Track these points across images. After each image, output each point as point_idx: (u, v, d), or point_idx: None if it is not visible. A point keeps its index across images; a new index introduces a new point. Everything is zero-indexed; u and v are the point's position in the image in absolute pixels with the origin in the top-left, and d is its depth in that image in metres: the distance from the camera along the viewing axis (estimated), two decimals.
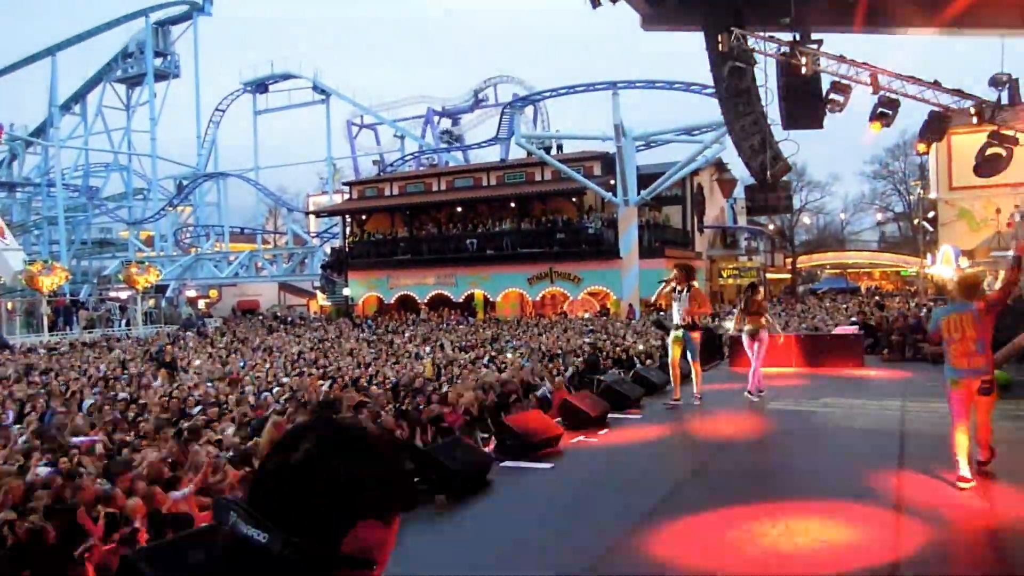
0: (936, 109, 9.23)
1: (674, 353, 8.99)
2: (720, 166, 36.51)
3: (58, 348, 22.61)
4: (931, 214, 32.07)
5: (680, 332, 8.88)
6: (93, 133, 49.69)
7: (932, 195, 30.19)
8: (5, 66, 48.11)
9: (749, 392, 9.23)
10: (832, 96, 9.34)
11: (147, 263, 35.10)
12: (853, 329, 14.49)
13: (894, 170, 51.77)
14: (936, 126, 9.34)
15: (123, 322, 34.68)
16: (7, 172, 51.05)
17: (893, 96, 9.28)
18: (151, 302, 36.43)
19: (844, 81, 9.29)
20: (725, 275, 37.33)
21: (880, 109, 9.32)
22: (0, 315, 28.43)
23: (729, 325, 18.91)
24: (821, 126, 10.25)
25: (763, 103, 10.65)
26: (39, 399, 10.99)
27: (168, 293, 39.82)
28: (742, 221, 40.63)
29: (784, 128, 10.74)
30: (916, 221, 40.20)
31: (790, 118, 10.30)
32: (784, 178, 24.17)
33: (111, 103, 49.75)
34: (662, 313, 26.25)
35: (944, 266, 27.42)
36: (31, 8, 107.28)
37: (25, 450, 7.37)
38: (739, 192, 39.14)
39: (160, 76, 47.16)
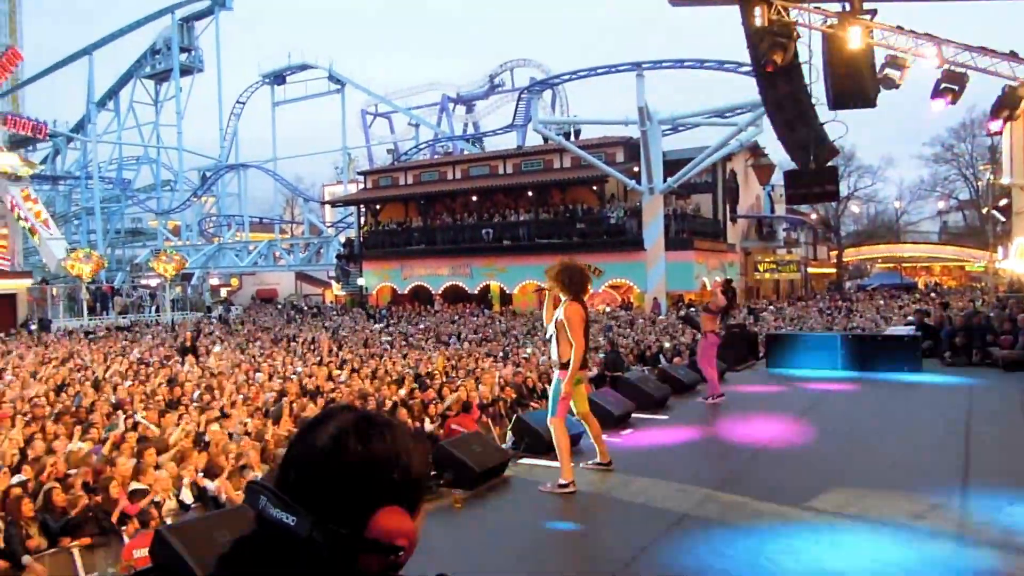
0: (1012, 83, 8.37)
1: (578, 405, 5.59)
2: (756, 150, 34.21)
3: (96, 332, 24.06)
4: (1003, 202, 28.75)
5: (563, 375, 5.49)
6: (126, 128, 51.06)
7: (1005, 180, 26.88)
8: (48, 66, 49.52)
9: (714, 398, 8.74)
10: (887, 72, 8.54)
11: (174, 252, 35.85)
12: (909, 330, 13.42)
13: (959, 153, 47.60)
14: (1011, 102, 8.42)
15: (153, 308, 35.97)
16: (51, 167, 52.62)
17: (960, 70, 8.36)
18: (178, 289, 37.56)
19: (901, 54, 8.38)
20: (762, 269, 34.82)
21: (944, 84, 8.48)
22: (46, 299, 29.88)
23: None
24: (873, 105, 9.42)
25: (807, 81, 9.83)
26: (76, 382, 11.74)
27: (193, 281, 40.77)
28: (781, 210, 37.90)
29: (831, 108, 10.00)
30: (985, 210, 36.61)
31: (838, 97, 9.46)
32: (830, 163, 21.83)
33: (141, 99, 51.15)
34: (692, 309, 24.58)
35: (1018, 260, 24.40)
36: (70, 10, 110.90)
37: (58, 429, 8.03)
38: (777, 178, 36.38)
39: (185, 71, 48.08)
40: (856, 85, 9.04)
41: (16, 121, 33.85)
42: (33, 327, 25.37)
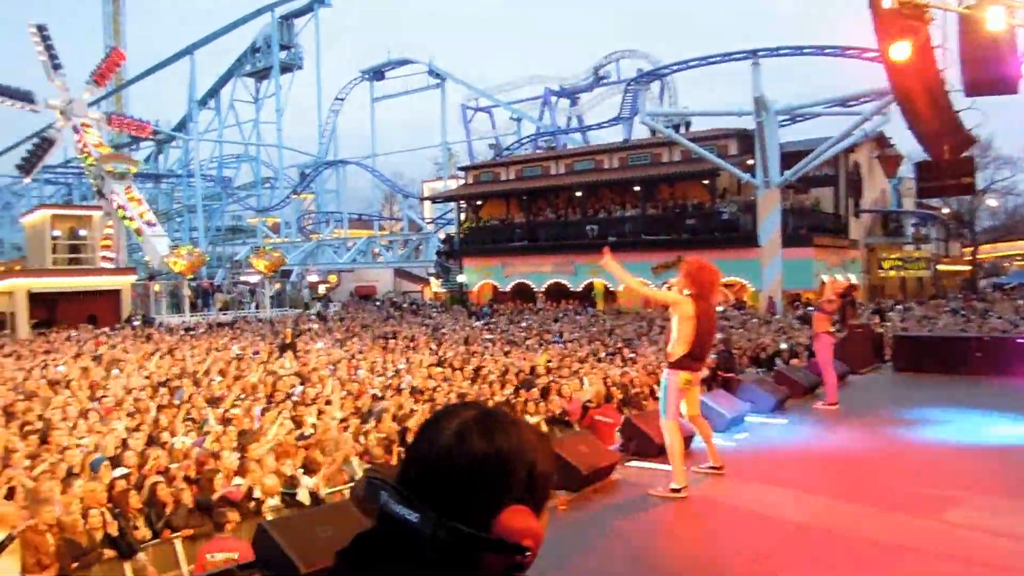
0: None
1: (688, 407, 5.70)
2: (882, 141, 33.29)
3: (196, 328, 25.15)
4: None
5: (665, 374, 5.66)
6: (226, 126, 54.19)
7: None
8: (150, 66, 53.12)
9: (826, 405, 8.71)
10: None
11: (273, 249, 37.80)
12: None
13: None
14: None
15: (253, 305, 37.56)
16: (153, 165, 56.42)
17: None
18: (277, 286, 39.30)
19: None
20: (886, 266, 33.97)
21: None
22: (149, 295, 31.47)
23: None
24: (1014, 91, 8.97)
25: (940, 67, 9.44)
26: (176, 377, 12.29)
27: (292, 278, 42.67)
28: (909, 204, 36.80)
29: (967, 95, 9.51)
30: None
31: (974, 83, 9.00)
32: (965, 153, 21.30)
33: (241, 96, 54.15)
34: (810, 308, 24.64)
35: None
36: (172, 10, 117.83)
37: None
38: (905, 171, 35.43)
39: (285, 68, 50.40)
40: (995, 71, 8.52)
41: (120, 121, 36.15)
42: (136, 323, 26.94)
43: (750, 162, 27.72)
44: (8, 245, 54.01)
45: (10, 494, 5.92)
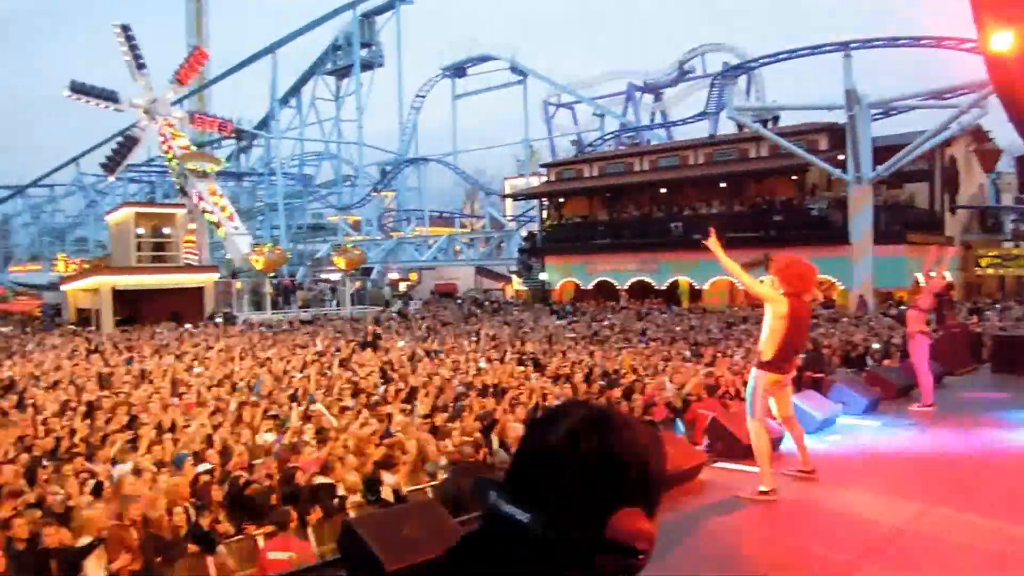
0: None
1: (779, 408, 5.79)
2: (979, 134, 32.83)
3: (278, 326, 26.07)
4: None
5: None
6: (307, 124, 56.40)
7: None
8: (233, 65, 55.82)
9: (921, 406, 8.62)
10: None
11: (354, 247, 39.36)
12: None
13: None
14: None
15: (334, 303, 39.24)
16: (235, 163, 59.21)
17: None
18: (358, 283, 40.68)
19: None
20: (984, 264, 33.60)
21: None
22: (231, 293, 32.91)
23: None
24: None
25: None
26: (257, 376, 12.64)
27: (373, 275, 44.29)
28: (1008, 199, 36.10)
29: None
30: None
31: None
32: None
33: (322, 95, 56.32)
34: (903, 307, 24.83)
35: None
36: (254, 9, 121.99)
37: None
38: (1005, 165, 34.87)
39: (366, 66, 52.19)
40: None
41: (203, 119, 37.84)
42: (219, 320, 27.76)
43: (841, 157, 27.83)
44: (93, 243, 57.56)
45: (97, 489, 6.18)
